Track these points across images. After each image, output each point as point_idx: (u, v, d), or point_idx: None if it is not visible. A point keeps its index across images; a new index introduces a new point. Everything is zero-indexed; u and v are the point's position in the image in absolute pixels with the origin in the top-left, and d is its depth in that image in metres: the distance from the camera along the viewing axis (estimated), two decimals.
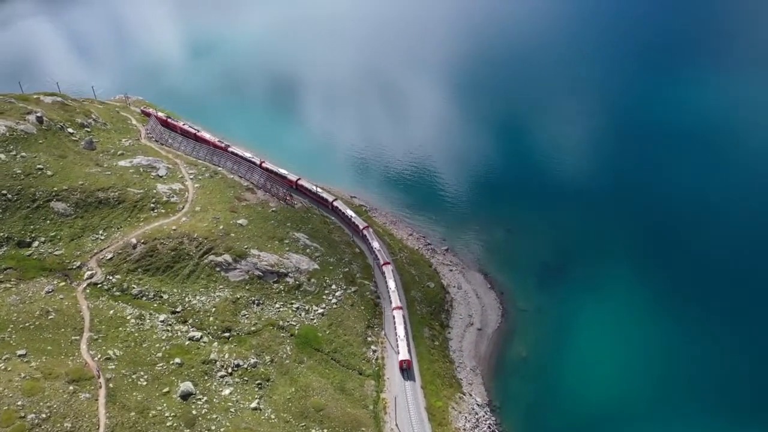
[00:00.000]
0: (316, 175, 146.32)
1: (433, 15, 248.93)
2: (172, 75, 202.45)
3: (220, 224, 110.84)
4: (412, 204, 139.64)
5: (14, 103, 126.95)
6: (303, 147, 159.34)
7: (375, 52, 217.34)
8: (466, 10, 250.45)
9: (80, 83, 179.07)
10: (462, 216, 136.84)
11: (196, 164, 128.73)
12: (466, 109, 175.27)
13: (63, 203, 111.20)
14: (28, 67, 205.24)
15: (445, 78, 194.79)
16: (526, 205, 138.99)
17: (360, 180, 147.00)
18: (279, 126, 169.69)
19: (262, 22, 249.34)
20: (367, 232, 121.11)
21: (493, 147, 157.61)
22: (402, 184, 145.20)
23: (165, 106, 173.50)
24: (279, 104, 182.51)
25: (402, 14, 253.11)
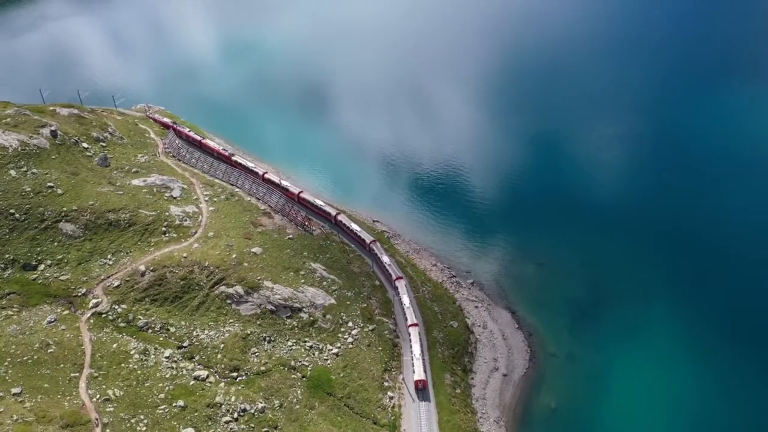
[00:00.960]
0: (340, 197, 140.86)
1: (474, 20, 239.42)
2: (198, 82, 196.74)
3: (233, 252, 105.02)
4: (438, 230, 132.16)
5: (29, 116, 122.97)
6: (327, 164, 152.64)
7: (408, 60, 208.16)
8: (500, 13, 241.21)
9: (102, 90, 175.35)
10: (490, 245, 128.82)
11: (213, 185, 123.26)
12: (497, 125, 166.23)
13: (72, 224, 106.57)
14: (50, 73, 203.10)
15: (476, 89, 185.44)
16: (559, 235, 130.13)
17: (384, 203, 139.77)
18: (304, 140, 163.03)
19: (296, 25, 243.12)
20: (375, 246, 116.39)
21: (525, 169, 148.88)
22: (427, 208, 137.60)
23: (187, 116, 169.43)
24: (306, 116, 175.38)
25: (443, 16, 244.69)
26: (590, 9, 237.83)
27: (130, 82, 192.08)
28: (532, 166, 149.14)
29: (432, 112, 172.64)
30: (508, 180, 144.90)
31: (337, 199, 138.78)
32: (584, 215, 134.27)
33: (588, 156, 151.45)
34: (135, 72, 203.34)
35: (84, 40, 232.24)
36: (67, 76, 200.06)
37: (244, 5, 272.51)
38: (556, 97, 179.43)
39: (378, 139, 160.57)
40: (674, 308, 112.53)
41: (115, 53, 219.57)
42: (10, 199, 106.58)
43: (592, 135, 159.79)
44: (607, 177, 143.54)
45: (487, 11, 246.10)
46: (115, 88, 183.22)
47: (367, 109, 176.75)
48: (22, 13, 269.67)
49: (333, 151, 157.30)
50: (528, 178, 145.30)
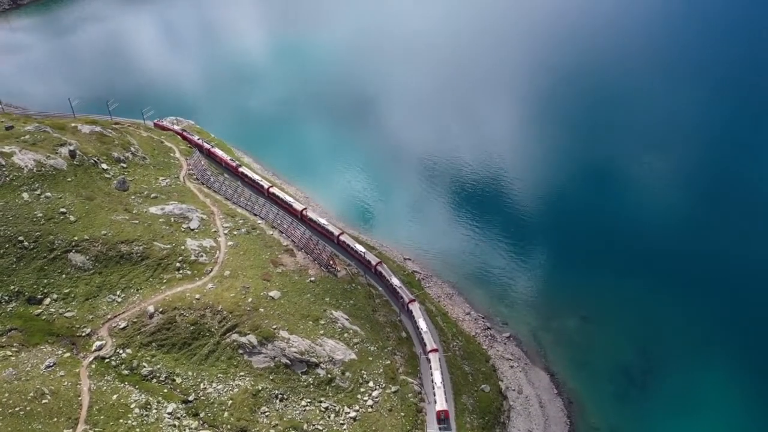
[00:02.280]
0: (372, 230, 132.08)
1: (528, 30, 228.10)
2: (232, 94, 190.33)
3: (249, 295, 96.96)
4: (473, 273, 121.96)
5: (49, 133, 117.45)
6: (361, 195, 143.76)
7: (452, 76, 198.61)
8: (556, 25, 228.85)
9: (132, 100, 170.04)
10: (530, 292, 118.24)
11: (234, 215, 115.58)
12: (543, 156, 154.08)
13: (82, 255, 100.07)
14: (83, 78, 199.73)
15: (522, 110, 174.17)
16: (607, 284, 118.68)
17: (417, 239, 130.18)
18: (339, 163, 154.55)
19: (344, 30, 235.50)
20: (382, 268, 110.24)
21: (571, 207, 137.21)
22: (463, 247, 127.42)
23: (218, 132, 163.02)
24: (341, 135, 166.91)
25: (494, 24, 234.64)
26: (662, 26, 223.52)
27: (161, 92, 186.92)
28: (578, 203, 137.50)
29: (474, 137, 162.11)
30: (552, 218, 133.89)
31: (369, 234, 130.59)
32: (636, 262, 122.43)
33: (643, 194, 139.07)
34: (167, 80, 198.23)
35: (119, 43, 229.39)
36: (99, 82, 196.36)
37: (286, 12, 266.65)
38: (609, 123, 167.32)
39: (415, 169, 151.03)
40: (741, 380, 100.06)
41: (149, 59, 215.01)
42: (20, 225, 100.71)
43: (648, 169, 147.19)
44: (666, 219, 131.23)
45: (543, 23, 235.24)
46: (145, 97, 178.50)
47: (406, 130, 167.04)
48: (61, 14, 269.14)
49: (368, 180, 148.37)
50: (574, 217, 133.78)
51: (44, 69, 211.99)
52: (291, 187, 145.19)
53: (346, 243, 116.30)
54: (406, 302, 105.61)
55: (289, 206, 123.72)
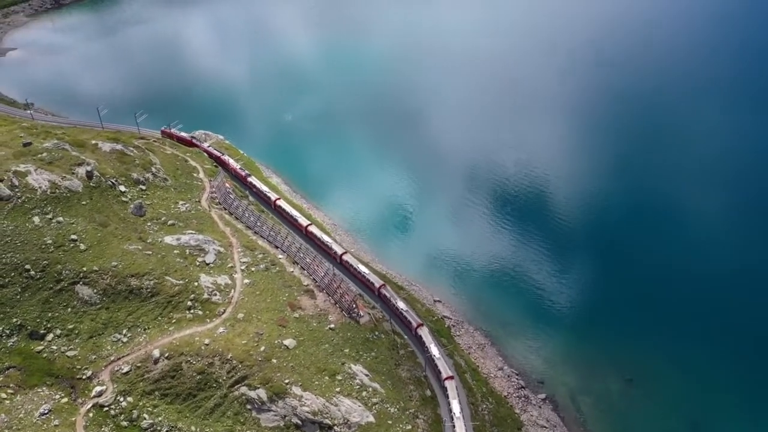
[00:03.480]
0: (401, 266, 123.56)
1: (591, 43, 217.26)
2: (266, 107, 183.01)
3: (261, 343, 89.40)
4: (508, 321, 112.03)
5: (67, 151, 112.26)
6: (392, 223, 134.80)
7: (501, 91, 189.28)
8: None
9: (160, 110, 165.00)
10: (570, 347, 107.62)
11: (254, 248, 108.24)
12: (591, 191, 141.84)
13: (90, 288, 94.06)
14: (113, 84, 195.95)
15: (572, 135, 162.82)
16: (659, 344, 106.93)
17: (449, 279, 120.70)
18: (371, 187, 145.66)
19: (387, 37, 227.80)
20: (386, 290, 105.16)
21: (622, 252, 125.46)
22: (500, 291, 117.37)
23: (248, 148, 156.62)
24: (378, 155, 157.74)
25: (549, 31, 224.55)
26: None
27: (193, 103, 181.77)
28: (629, 248, 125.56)
29: (519, 167, 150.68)
30: (598, 264, 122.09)
31: (399, 270, 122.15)
32: (694, 319, 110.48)
33: (710, 235, 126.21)
34: (200, 90, 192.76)
35: (155, 48, 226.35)
36: (131, 88, 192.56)
37: (327, 17, 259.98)
38: (667, 156, 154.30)
39: (453, 203, 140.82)
40: None
41: (183, 66, 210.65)
42: (28, 253, 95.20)
43: (715, 206, 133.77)
44: (736, 269, 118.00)
45: (593, 34, 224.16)
46: (175, 107, 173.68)
47: (445, 156, 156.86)
48: (101, 16, 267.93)
49: (402, 212, 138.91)
50: (623, 264, 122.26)
51: (79, 72, 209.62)
52: (319, 212, 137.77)
53: (349, 263, 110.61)
54: (414, 327, 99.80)
55: (294, 220, 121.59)
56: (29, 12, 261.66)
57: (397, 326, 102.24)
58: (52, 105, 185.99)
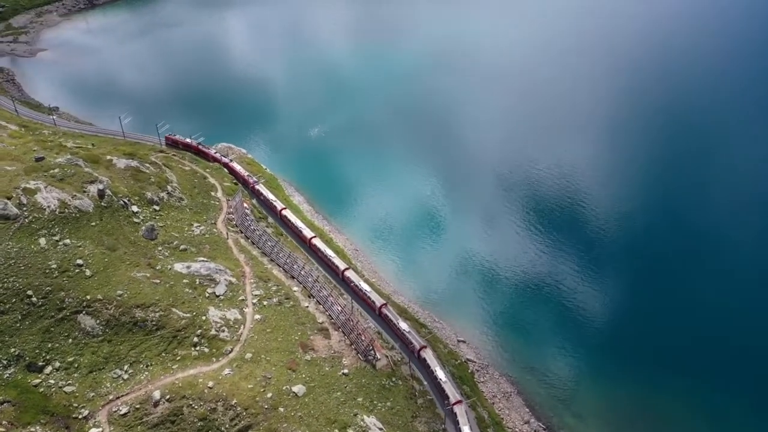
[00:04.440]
0: (424, 300, 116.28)
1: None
2: (294, 121, 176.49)
3: (269, 388, 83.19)
4: (537, 367, 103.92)
5: (80, 167, 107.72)
6: (418, 252, 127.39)
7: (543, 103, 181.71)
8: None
9: (182, 120, 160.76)
10: (603, 401, 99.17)
11: (268, 279, 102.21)
12: (638, 219, 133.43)
13: (92, 319, 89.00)
14: (138, 93, 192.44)
15: (616, 158, 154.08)
16: (706, 400, 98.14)
17: (476, 318, 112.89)
18: (399, 211, 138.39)
19: (432, 43, 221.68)
20: (387, 311, 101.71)
21: (664, 291, 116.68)
22: (530, 334, 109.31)
23: (272, 164, 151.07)
24: (409, 175, 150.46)
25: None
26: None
27: (218, 114, 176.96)
28: (673, 292, 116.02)
29: (561, 191, 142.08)
30: (638, 313, 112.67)
31: (421, 305, 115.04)
32: (742, 368, 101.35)
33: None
34: (225, 100, 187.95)
35: (183, 54, 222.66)
36: (156, 96, 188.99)
37: (361, 25, 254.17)
38: (713, 173, 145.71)
39: (486, 234, 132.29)
40: None
41: (210, 74, 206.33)
42: (31, 278, 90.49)
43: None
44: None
45: (635, 40, 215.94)
46: (198, 118, 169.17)
47: (481, 176, 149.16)
48: (134, 17, 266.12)
49: (430, 239, 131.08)
50: (666, 309, 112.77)
51: (107, 76, 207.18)
52: (340, 236, 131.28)
53: (350, 279, 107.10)
54: (417, 349, 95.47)
55: (300, 232, 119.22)
56: (62, 12, 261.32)
57: (416, 369, 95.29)
58: (77, 109, 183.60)
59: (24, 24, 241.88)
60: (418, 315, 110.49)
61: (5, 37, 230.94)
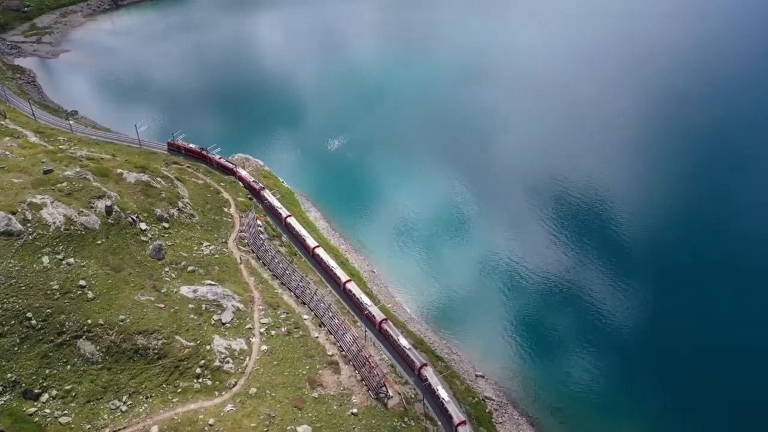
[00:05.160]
0: (443, 328, 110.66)
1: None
2: (317, 132, 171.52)
3: (272, 429, 78.48)
4: (562, 408, 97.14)
5: (88, 182, 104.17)
6: (439, 275, 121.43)
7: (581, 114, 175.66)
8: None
9: (200, 128, 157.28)
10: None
11: (277, 305, 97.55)
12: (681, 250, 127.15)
13: (92, 344, 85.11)
14: (158, 97, 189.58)
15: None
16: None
17: (499, 350, 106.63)
18: (423, 229, 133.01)
19: (461, 51, 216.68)
20: (388, 326, 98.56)
21: (708, 321, 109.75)
22: (553, 369, 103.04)
23: (291, 177, 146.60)
24: (435, 190, 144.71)
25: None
26: None
27: (234, 122, 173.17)
28: (715, 329, 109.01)
29: (594, 218, 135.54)
30: (674, 349, 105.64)
31: (440, 333, 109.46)
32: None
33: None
34: (245, 109, 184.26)
35: (204, 58, 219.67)
36: (174, 102, 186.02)
37: (390, 30, 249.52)
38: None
39: (515, 254, 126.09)
40: None
41: (231, 80, 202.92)
42: (32, 299, 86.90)
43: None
44: None
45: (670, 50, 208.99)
46: (216, 127, 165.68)
47: (510, 196, 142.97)
48: (157, 19, 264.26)
49: (453, 261, 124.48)
50: (706, 345, 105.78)
51: (127, 79, 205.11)
52: (357, 256, 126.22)
53: (352, 292, 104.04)
54: (417, 367, 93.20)
55: (303, 241, 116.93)
56: (87, 12, 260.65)
57: (429, 405, 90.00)
58: (95, 113, 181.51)
59: (48, 24, 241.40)
60: (435, 345, 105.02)
61: (29, 37, 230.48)
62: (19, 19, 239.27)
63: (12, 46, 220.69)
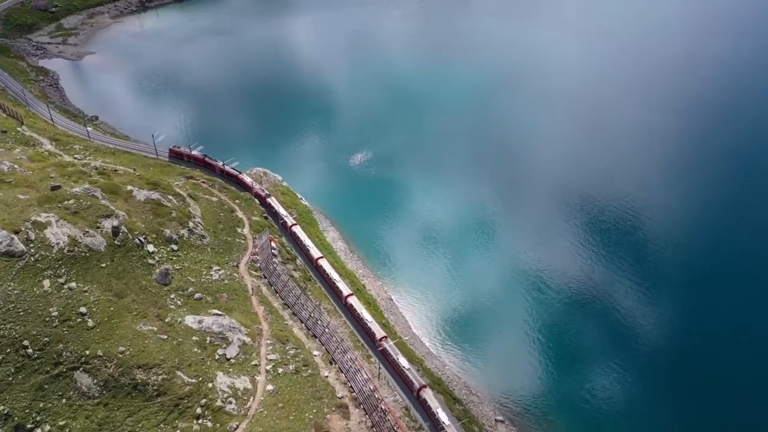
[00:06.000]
0: (466, 364, 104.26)
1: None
2: (344, 147, 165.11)
3: None
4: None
5: (97, 199, 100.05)
6: (465, 305, 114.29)
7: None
8: None
9: (222, 143, 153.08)
10: None
11: (286, 339, 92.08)
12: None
13: (90, 378, 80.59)
14: (179, 104, 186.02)
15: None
16: None
17: (522, 390, 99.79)
18: (449, 254, 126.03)
19: (495, 57, 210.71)
20: (386, 343, 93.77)
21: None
22: (582, 415, 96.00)
23: (312, 195, 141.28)
24: (465, 210, 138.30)
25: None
26: None
27: (255, 133, 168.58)
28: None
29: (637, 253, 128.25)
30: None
31: (462, 370, 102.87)
32: None
33: None
34: (268, 121, 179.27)
35: (229, 65, 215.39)
36: (195, 110, 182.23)
37: (426, 38, 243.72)
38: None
39: (548, 286, 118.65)
40: None
41: (255, 89, 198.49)
42: (30, 325, 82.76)
43: None
44: None
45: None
46: (238, 138, 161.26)
47: (548, 221, 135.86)
48: (184, 22, 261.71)
49: (482, 291, 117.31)
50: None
51: (150, 85, 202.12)
52: (376, 283, 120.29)
53: (353, 307, 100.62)
54: (416, 389, 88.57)
55: (308, 251, 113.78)
56: (114, 13, 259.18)
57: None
58: (116, 119, 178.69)
59: (75, 25, 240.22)
60: (452, 385, 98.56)
61: (55, 38, 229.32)
62: (47, 19, 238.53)
63: (38, 47, 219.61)
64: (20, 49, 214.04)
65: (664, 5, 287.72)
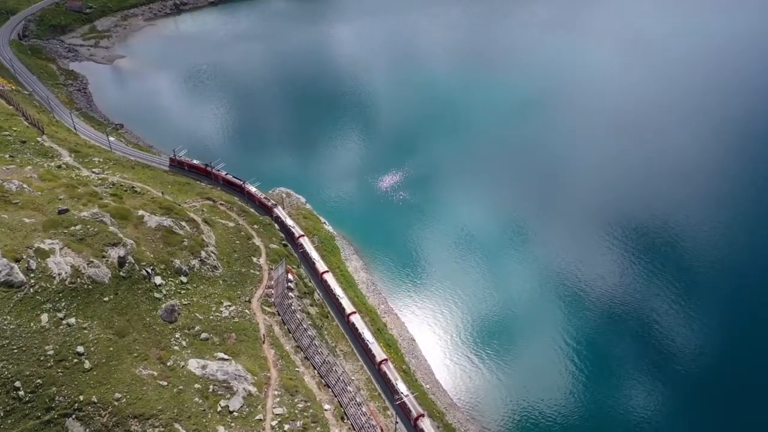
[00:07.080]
0: (491, 417, 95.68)
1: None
2: (369, 165, 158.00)
3: None
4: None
5: (105, 225, 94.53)
6: (496, 353, 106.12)
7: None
8: None
9: (245, 160, 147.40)
10: None
11: (295, 390, 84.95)
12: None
13: (82, 426, 74.74)
14: (205, 116, 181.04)
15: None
16: None
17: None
18: (481, 295, 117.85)
19: (544, 71, 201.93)
20: (386, 367, 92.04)
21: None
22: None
23: (338, 219, 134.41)
24: (501, 245, 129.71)
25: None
26: None
27: (281, 151, 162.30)
28: None
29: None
30: None
31: (482, 426, 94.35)
32: None
33: None
34: (296, 136, 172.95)
35: (261, 73, 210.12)
36: (220, 124, 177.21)
37: (462, 45, 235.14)
38: None
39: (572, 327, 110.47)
40: None
41: (283, 102, 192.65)
42: (23, 365, 77.29)
43: None
44: None
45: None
46: (261, 156, 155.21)
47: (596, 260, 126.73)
48: (217, 27, 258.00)
49: (514, 335, 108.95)
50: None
51: (179, 93, 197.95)
52: (398, 321, 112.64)
53: (355, 326, 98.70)
54: (414, 418, 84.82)
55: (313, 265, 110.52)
56: (148, 16, 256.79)
57: None
58: (141, 128, 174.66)
59: (108, 27, 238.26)
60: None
61: (87, 40, 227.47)
62: (80, 20, 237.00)
63: (69, 49, 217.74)
64: (52, 51, 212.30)
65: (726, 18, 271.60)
